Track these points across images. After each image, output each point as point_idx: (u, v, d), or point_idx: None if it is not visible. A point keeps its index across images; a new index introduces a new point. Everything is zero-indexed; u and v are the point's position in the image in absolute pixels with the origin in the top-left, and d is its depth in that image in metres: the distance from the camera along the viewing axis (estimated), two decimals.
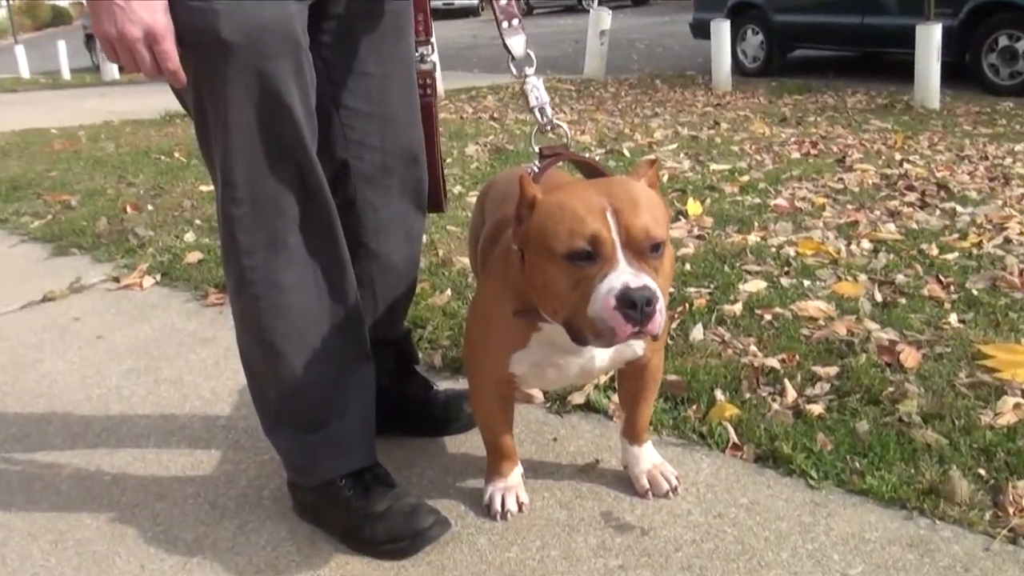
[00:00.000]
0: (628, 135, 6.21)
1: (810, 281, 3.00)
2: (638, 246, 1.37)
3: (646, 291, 1.32)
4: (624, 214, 1.37)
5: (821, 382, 2.27)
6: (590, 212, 1.38)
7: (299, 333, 1.75)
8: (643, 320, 1.32)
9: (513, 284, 1.55)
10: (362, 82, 1.85)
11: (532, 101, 1.75)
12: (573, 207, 1.39)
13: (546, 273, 1.42)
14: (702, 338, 2.57)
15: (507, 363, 1.65)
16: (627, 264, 1.35)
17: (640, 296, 1.31)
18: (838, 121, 6.58)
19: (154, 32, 1.48)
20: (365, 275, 1.98)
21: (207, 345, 2.87)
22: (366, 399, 1.89)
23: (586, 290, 1.36)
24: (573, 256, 1.38)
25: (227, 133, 1.61)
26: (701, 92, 8.71)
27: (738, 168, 4.88)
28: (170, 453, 2.20)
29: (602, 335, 1.35)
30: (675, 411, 2.19)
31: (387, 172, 1.93)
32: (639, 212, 1.38)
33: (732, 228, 3.69)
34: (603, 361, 1.64)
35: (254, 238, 1.69)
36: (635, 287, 1.32)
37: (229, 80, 1.56)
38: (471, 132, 6.63)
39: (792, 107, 7.43)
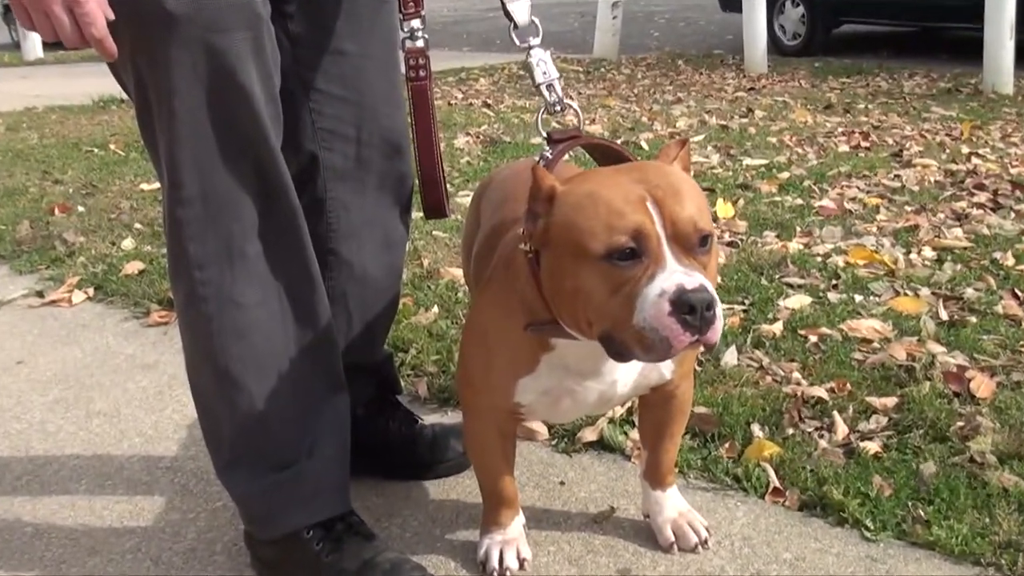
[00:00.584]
0: (646, 124, 6.24)
1: (863, 296, 3.00)
2: (687, 240, 1.37)
3: (704, 293, 1.31)
4: (667, 203, 1.37)
5: (877, 415, 2.27)
6: (628, 202, 1.37)
7: (259, 358, 1.75)
8: (703, 327, 1.32)
9: (520, 295, 1.55)
10: (335, 61, 1.86)
11: (538, 77, 1.75)
12: (608, 197, 1.38)
13: (577, 277, 1.40)
14: (736, 363, 2.58)
15: (512, 391, 1.64)
16: (676, 262, 1.35)
17: (699, 299, 1.31)
18: (893, 108, 6.61)
19: None
20: (337, 289, 1.98)
21: (148, 372, 2.86)
22: (339, 436, 1.89)
23: (630, 295, 1.35)
24: (613, 255, 1.36)
25: (173, 121, 1.61)
26: (731, 74, 8.75)
27: (776, 163, 4.90)
28: (104, 500, 2.19)
29: (653, 347, 1.34)
30: (705, 450, 2.19)
31: (363, 166, 1.93)
32: (683, 201, 1.38)
33: (770, 234, 3.70)
34: (626, 386, 1.64)
35: (206, 246, 1.69)
36: (692, 288, 1.31)
37: (174, 58, 1.56)
38: (461, 121, 6.66)
39: (839, 92, 7.46)
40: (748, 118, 6.34)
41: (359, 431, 2.02)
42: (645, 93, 7.78)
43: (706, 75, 8.80)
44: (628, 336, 1.36)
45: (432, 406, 2.52)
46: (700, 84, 8.23)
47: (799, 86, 7.88)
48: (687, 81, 8.45)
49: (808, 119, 6.22)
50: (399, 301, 2.20)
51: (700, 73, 8.96)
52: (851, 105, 6.78)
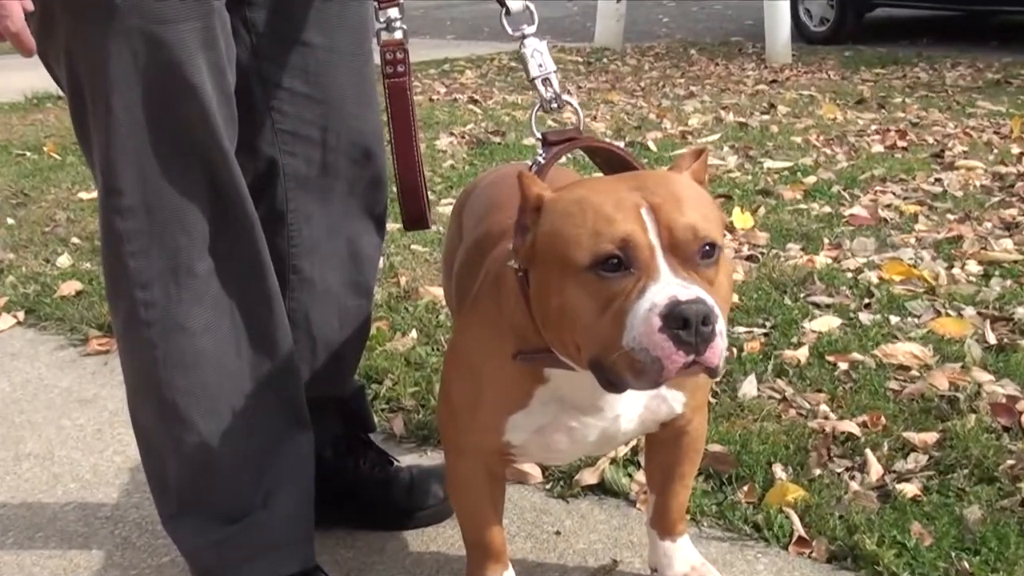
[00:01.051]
0: (654, 123, 6.26)
1: (899, 317, 3.02)
2: (685, 249, 1.37)
3: (701, 304, 1.29)
4: (664, 210, 1.37)
5: (916, 453, 2.27)
6: (620, 209, 1.37)
7: (210, 392, 1.76)
8: (700, 344, 1.30)
9: (509, 318, 1.55)
10: (299, 54, 1.86)
11: (533, 70, 1.76)
12: (597, 203, 1.39)
13: (563, 294, 1.40)
14: (755, 395, 2.58)
15: (500, 429, 1.64)
16: (672, 273, 1.35)
17: (694, 311, 1.29)
18: (934, 103, 6.64)
19: None
20: (299, 311, 1.99)
21: (86, 408, 2.86)
22: (301, 480, 1.89)
23: (619, 312, 1.34)
24: (599, 265, 1.36)
25: (110, 121, 1.61)
26: (751, 65, 8.79)
27: (801, 166, 4.92)
28: (35, 555, 2.18)
29: (645, 372, 1.33)
30: (720, 493, 2.19)
31: (329, 172, 1.94)
32: (683, 207, 1.38)
33: (794, 246, 3.71)
34: (631, 423, 1.64)
35: (150, 263, 1.69)
36: (686, 299, 1.30)
37: (112, 50, 1.57)
38: (444, 119, 6.68)
39: (872, 85, 7.50)
40: (770, 115, 6.38)
41: (326, 474, 2.03)
42: (653, 87, 7.82)
43: (722, 66, 8.85)
44: (618, 360, 1.34)
45: (410, 445, 2.52)
46: (715, 76, 8.27)
47: (827, 78, 7.92)
48: (701, 73, 8.49)
49: (837, 115, 6.25)
50: (371, 325, 2.20)
51: (715, 64, 9.01)
52: (886, 99, 6.81)
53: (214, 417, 1.76)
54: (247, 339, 1.79)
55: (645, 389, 1.42)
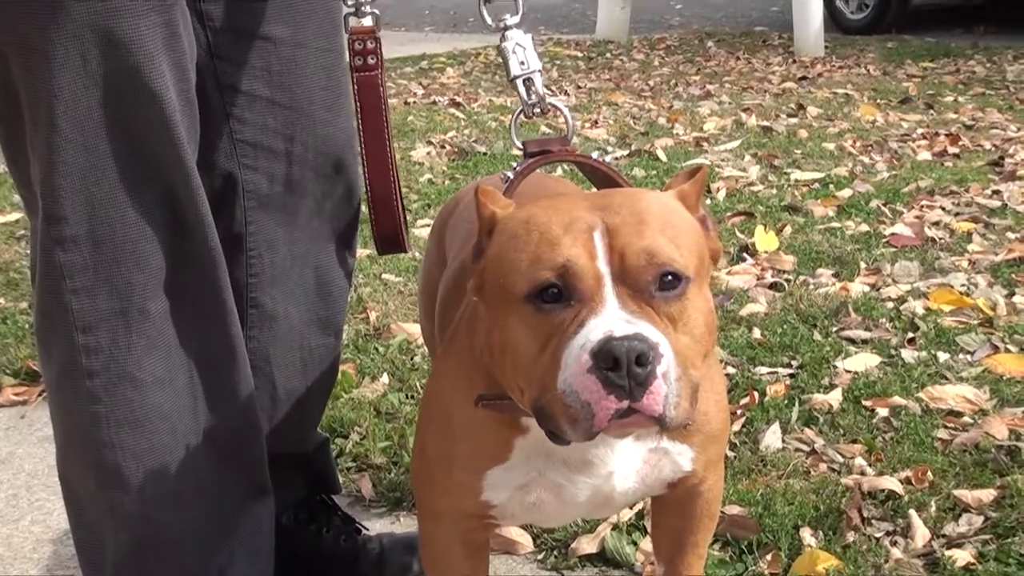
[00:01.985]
0: (664, 128, 6.29)
1: (949, 354, 3.03)
2: (637, 278, 1.36)
3: (636, 341, 1.28)
4: (621, 233, 1.37)
5: (969, 514, 2.28)
6: (569, 231, 1.37)
7: (160, 454, 1.76)
8: (634, 389, 1.29)
9: (479, 358, 1.57)
10: (261, 51, 1.87)
11: (514, 68, 1.78)
12: (544, 224, 1.40)
13: (504, 328, 1.41)
14: (780, 446, 2.59)
15: (479, 487, 1.64)
16: (619, 307, 1.34)
17: (625, 348, 1.27)
18: (992, 102, 6.68)
19: None
20: (259, 352, 1.99)
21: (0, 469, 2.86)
22: (260, 557, 1.90)
23: (556, 349, 1.35)
24: (537, 296, 1.37)
25: (53, 134, 1.61)
26: (778, 59, 8.85)
27: (834, 177, 4.94)
28: None
29: (577, 419, 1.32)
30: (740, 563, 2.19)
31: (294, 190, 1.95)
32: (645, 230, 1.38)
33: (825, 271, 3.72)
34: (627, 481, 1.64)
35: (95, 303, 1.69)
36: (620, 335, 1.29)
37: (58, 51, 1.57)
38: (421, 125, 6.71)
39: (919, 81, 7.54)
40: (798, 117, 6.41)
41: (285, 545, 2.04)
42: (664, 85, 7.86)
43: (744, 61, 8.90)
44: (555, 405, 1.34)
45: (380, 510, 2.53)
46: (736, 73, 8.32)
47: (866, 74, 7.97)
48: (719, 69, 8.54)
49: (878, 117, 6.29)
50: (338, 369, 2.20)
51: (736, 58, 9.06)
52: (935, 98, 6.85)
53: (162, 483, 1.76)
54: (204, 393, 1.79)
55: (580, 440, 1.38)
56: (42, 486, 2.68)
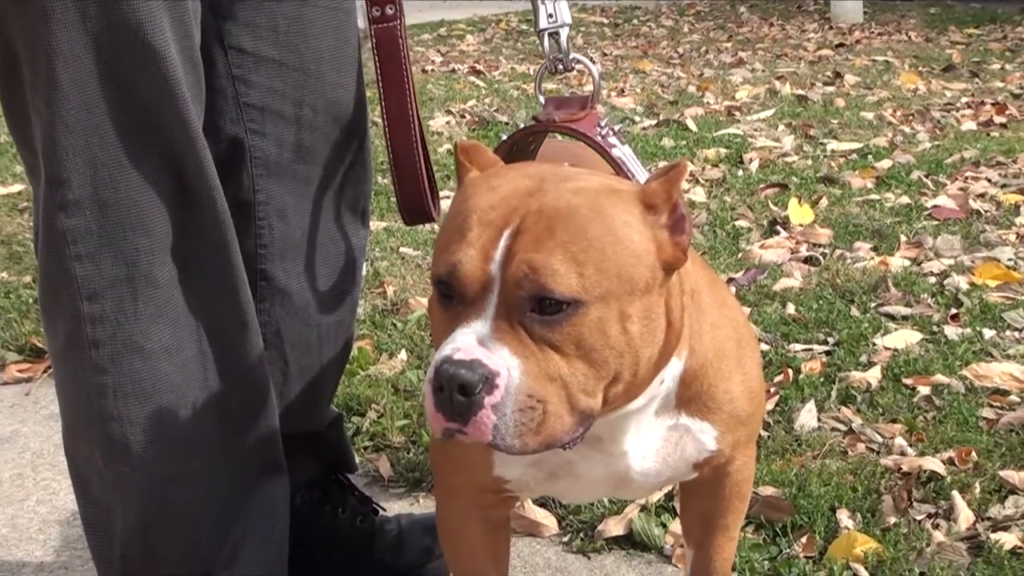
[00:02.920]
0: (695, 96, 6.28)
1: (994, 331, 3.02)
2: (510, 295, 1.36)
3: (463, 370, 1.31)
4: (523, 239, 1.37)
5: (1015, 495, 2.28)
6: (482, 222, 1.39)
7: (168, 427, 1.76)
8: (453, 413, 1.33)
9: None
10: (265, 10, 1.86)
11: (542, 20, 1.77)
12: (471, 208, 1.41)
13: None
14: (815, 426, 2.59)
15: (490, 462, 1.66)
16: (491, 321, 1.36)
17: (449, 375, 1.31)
18: None
19: None
20: (270, 327, 1.99)
21: (4, 448, 2.87)
22: (274, 535, 1.91)
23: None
24: (439, 288, 1.41)
25: (55, 94, 1.61)
26: (813, 25, 8.81)
27: (873, 148, 4.93)
28: None
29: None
30: (773, 546, 2.20)
31: (304, 156, 1.94)
32: (544, 240, 1.36)
33: (863, 245, 3.72)
34: (647, 461, 1.64)
35: (100, 269, 1.69)
36: (456, 359, 1.32)
37: (56, 7, 1.57)
38: (440, 94, 6.71)
39: (964, 48, 7.50)
40: (835, 86, 6.39)
41: (299, 526, 2.04)
42: (694, 53, 7.84)
43: (778, 27, 8.87)
44: None
45: (398, 490, 2.54)
46: (770, 39, 8.29)
47: (907, 40, 7.93)
48: (752, 35, 8.51)
49: (919, 86, 6.27)
50: (352, 345, 2.21)
51: (770, 24, 9.03)
52: (981, 66, 6.82)
53: (171, 458, 1.76)
54: (215, 364, 1.79)
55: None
56: (48, 465, 2.71)
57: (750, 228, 3.97)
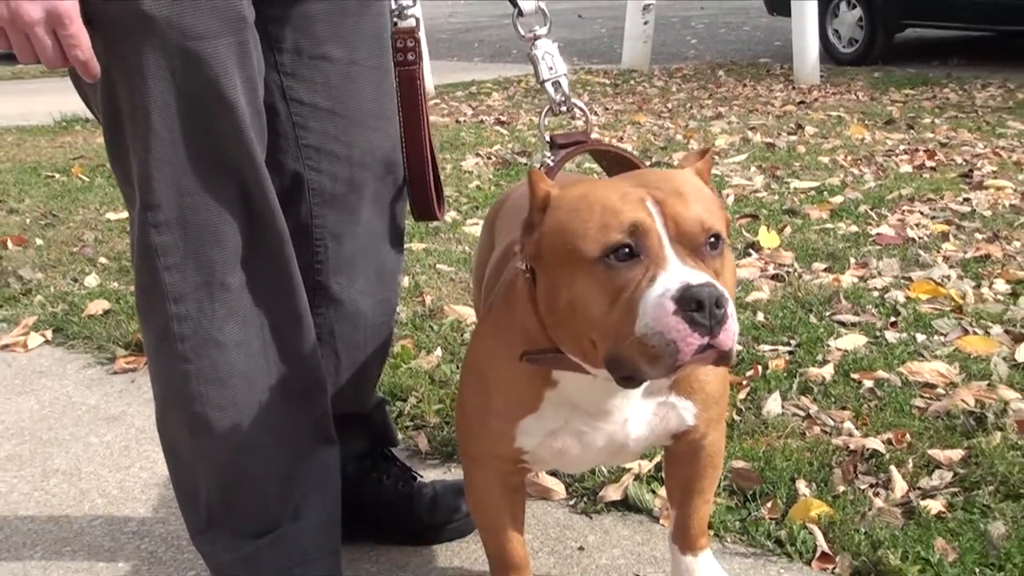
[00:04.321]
0: (681, 143, 6.29)
1: (925, 335, 3.02)
2: (692, 239, 1.39)
3: (712, 288, 1.32)
4: (669, 203, 1.39)
5: (940, 470, 2.28)
6: (626, 201, 1.39)
7: (241, 406, 1.78)
8: (714, 326, 1.31)
9: (519, 321, 1.58)
10: (319, 69, 1.88)
11: (543, 72, 1.78)
12: (602, 197, 1.42)
13: (573, 287, 1.42)
14: (780, 412, 2.59)
15: (512, 434, 1.66)
16: (680, 262, 1.36)
17: (708, 293, 1.31)
18: (963, 123, 6.63)
19: (59, 12, 1.51)
20: (325, 328, 2.00)
21: (113, 425, 2.89)
22: (328, 494, 1.91)
23: (631, 301, 1.36)
24: (609, 255, 1.38)
25: (148, 135, 1.64)
26: (779, 86, 8.80)
27: (828, 186, 4.93)
28: (62, 568, 2.21)
29: (661, 356, 1.33)
30: (744, 509, 2.20)
31: (355, 189, 1.96)
32: (687, 200, 1.41)
33: (820, 265, 3.72)
34: (640, 427, 1.65)
35: (184, 277, 1.72)
36: (698, 283, 1.32)
37: (151, 66, 1.60)
38: (470, 140, 6.73)
39: (901, 105, 7.49)
40: (797, 135, 6.39)
41: (350, 490, 2.05)
42: (680, 108, 7.84)
43: (750, 87, 8.86)
44: (633, 349, 1.35)
45: (434, 461, 2.55)
46: (743, 97, 8.28)
47: (856, 99, 7.92)
48: (728, 94, 8.51)
49: (866, 136, 6.26)
50: (391, 343, 2.22)
51: (743, 85, 9.02)
52: (915, 120, 6.81)
53: (245, 432, 1.78)
54: (277, 355, 1.81)
55: (661, 376, 1.42)
56: (149, 439, 2.72)
57: None
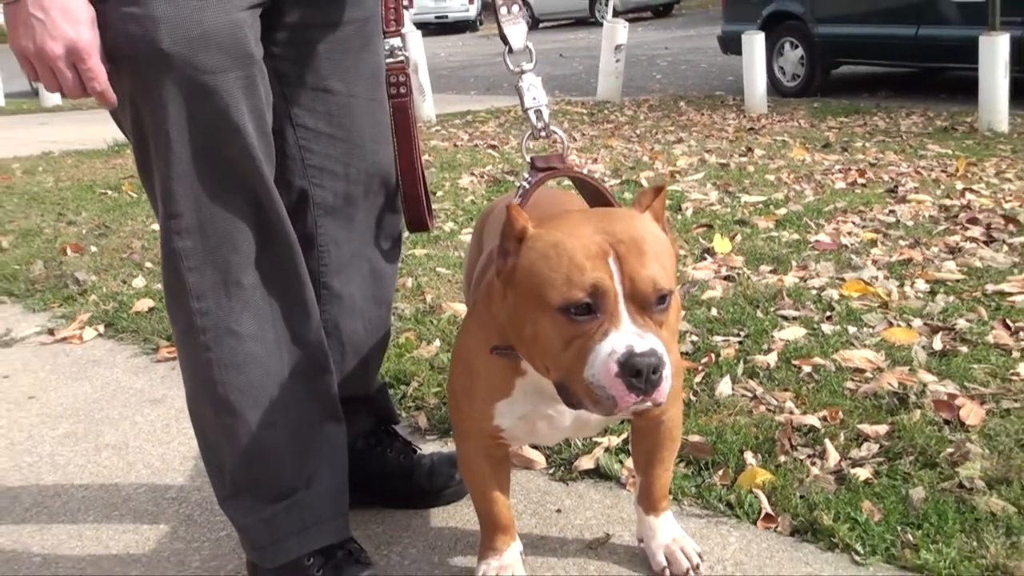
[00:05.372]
0: (647, 164, 6.29)
1: (856, 327, 3.02)
2: (643, 299, 1.39)
3: (652, 357, 1.34)
4: (628, 260, 1.39)
5: (868, 443, 2.28)
6: (590, 257, 1.38)
7: (257, 389, 1.77)
8: (648, 388, 1.34)
9: (494, 318, 1.58)
10: (322, 100, 1.88)
11: (527, 102, 1.78)
12: (571, 250, 1.40)
13: (536, 325, 1.43)
14: (730, 393, 2.59)
15: (491, 415, 1.67)
16: (630, 321, 1.37)
17: (646, 364, 1.33)
18: (890, 147, 6.65)
19: (78, 48, 1.52)
20: (330, 321, 2.00)
21: (157, 406, 2.89)
22: (337, 465, 1.91)
23: (583, 350, 1.38)
24: (569, 309, 1.39)
25: (169, 155, 1.64)
26: (732, 115, 8.81)
27: (774, 200, 4.94)
28: (111, 529, 2.21)
29: (601, 403, 1.37)
30: (698, 477, 2.20)
31: (351, 202, 1.97)
32: (645, 259, 1.40)
33: (766, 268, 3.73)
34: None
35: (203, 277, 1.71)
36: (640, 352, 1.33)
37: (169, 96, 1.60)
38: (466, 161, 6.72)
39: (837, 131, 7.50)
40: (747, 157, 6.39)
41: (359, 462, 2.04)
42: (647, 133, 7.84)
43: (707, 115, 8.87)
44: (579, 388, 1.39)
45: (432, 437, 2.54)
46: (701, 124, 8.29)
47: (798, 126, 7.93)
48: (688, 122, 8.51)
49: (806, 157, 6.26)
50: (391, 331, 2.21)
51: (701, 114, 9.03)
52: (848, 143, 6.82)
53: (261, 411, 1.77)
54: (287, 342, 1.80)
55: (601, 415, 1.44)
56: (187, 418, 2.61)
57: (686, 255, 3.97)
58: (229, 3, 1.61)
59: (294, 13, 1.79)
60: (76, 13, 1.52)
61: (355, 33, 1.87)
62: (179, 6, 1.56)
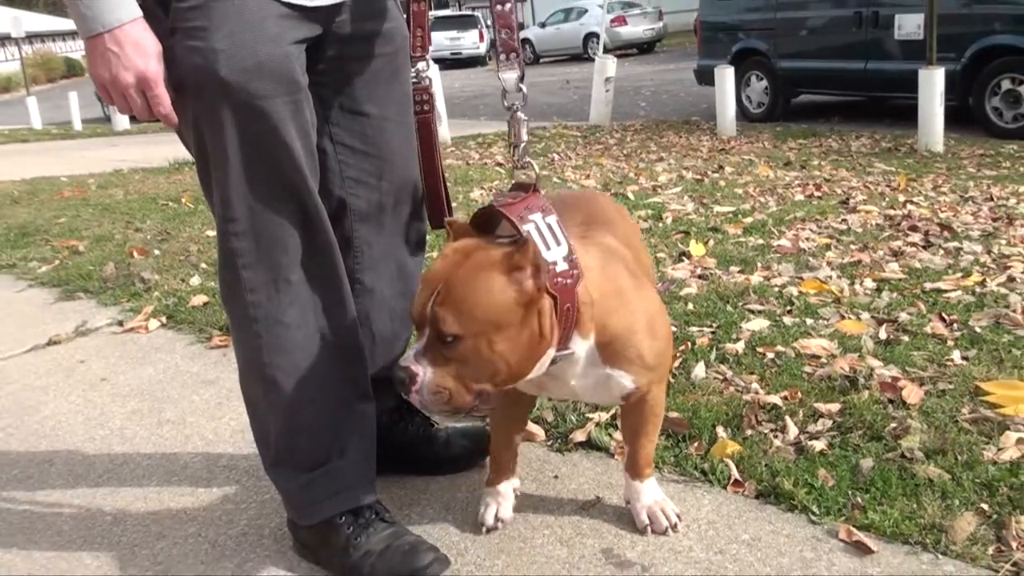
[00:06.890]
0: (633, 179, 6.27)
1: (813, 320, 3.01)
2: (431, 332, 1.48)
3: (401, 372, 1.48)
4: (440, 296, 1.46)
5: (823, 419, 2.27)
6: (427, 284, 1.50)
7: (300, 370, 1.77)
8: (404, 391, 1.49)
9: None
10: (358, 122, 1.89)
11: (512, 137, 1.78)
12: (433, 271, 1.51)
13: None
14: (704, 376, 2.58)
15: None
16: (423, 344, 1.48)
17: (397, 377, 1.49)
18: (842, 164, 6.63)
19: (146, 78, 1.55)
20: (362, 312, 1.99)
21: (210, 387, 2.88)
22: (366, 438, 1.90)
23: None
24: None
25: (227, 167, 1.65)
26: (706, 137, 8.79)
27: (742, 210, 4.92)
28: (171, 492, 2.21)
29: None
30: (677, 448, 2.19)
31: (382, 210, 1.97)
32: (446, 298, 1.46)
33: (735, 268, 3.71)
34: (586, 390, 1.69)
35: (257, 274, 1.71)
36: (401, 365, 1.49)
37: (227, 117, 1.61)
38: (476, 177, 6.70)
39: (796, 151, 7.49)
40: (719, 173, 6.37)
41: (384, 434, 2.04)
42: (633, 153, 7.83)
43: (684, 138, 8.85)
44: None
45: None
46: (679, 145, 8.27)
47: (763, 147, 7.91)
48: (668, 143, 8.50)
49: (770, 173, 6.25)
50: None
51: (680, 136, 9.01)
52: (806, 162, 6.80)
53: (303, 391, 1.77)
54: (328, 332, 1.79)
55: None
56: (236, 397, 2.67)
57: (666, 258, 3.95)
58: (280, 38, 1.62)
59: (333, 48, 1.80)
60: (146, 48, 1.54)
61: (385, 64, 1.88)
62: (236, 41, 1.57)
